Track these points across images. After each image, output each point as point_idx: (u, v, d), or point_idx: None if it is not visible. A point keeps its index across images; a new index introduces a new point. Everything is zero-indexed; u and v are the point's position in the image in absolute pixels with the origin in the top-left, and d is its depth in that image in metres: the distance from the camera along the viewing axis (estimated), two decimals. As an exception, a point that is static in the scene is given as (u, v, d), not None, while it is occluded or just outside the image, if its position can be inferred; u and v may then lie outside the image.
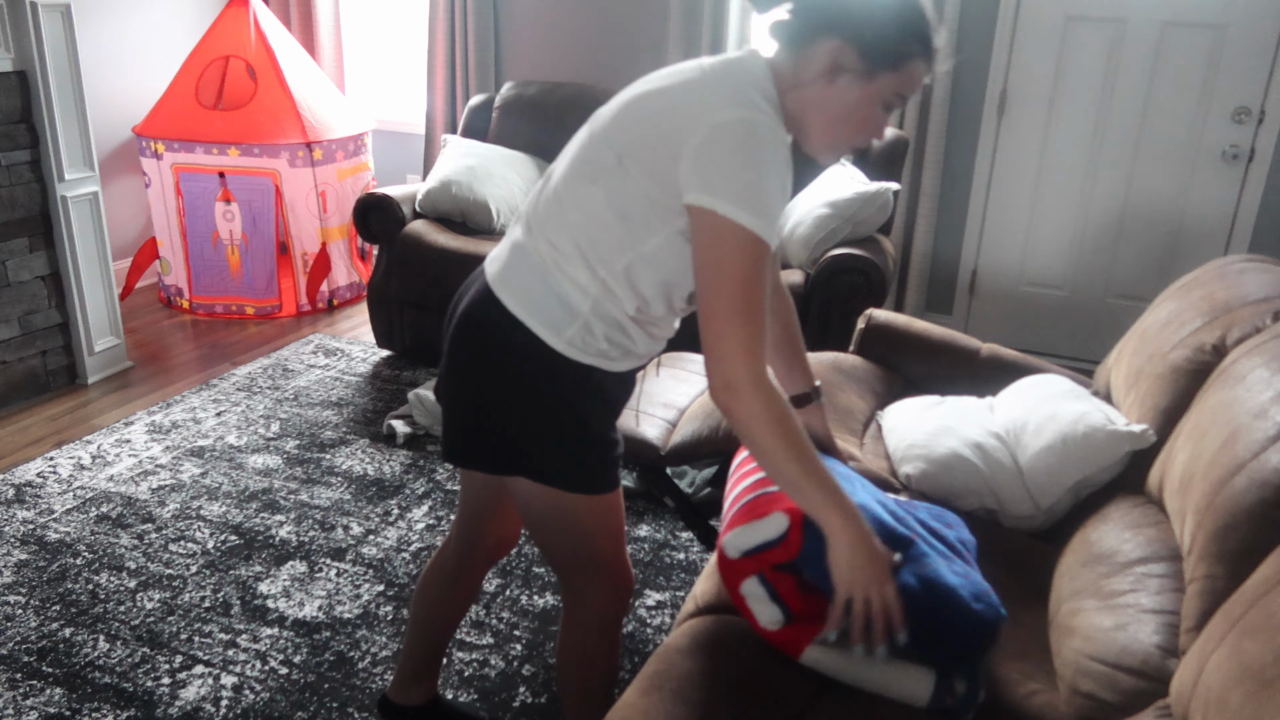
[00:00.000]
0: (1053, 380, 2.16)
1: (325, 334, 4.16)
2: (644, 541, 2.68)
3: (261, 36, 4.25)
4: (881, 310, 2.66)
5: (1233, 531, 1.33)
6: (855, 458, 2.03)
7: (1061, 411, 1.97)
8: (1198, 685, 1.15)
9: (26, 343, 3.42)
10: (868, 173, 3.61)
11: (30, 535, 2.62)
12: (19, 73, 3.23)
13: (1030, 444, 1.97)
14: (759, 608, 1.41)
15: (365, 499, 2.85)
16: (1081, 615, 1.53)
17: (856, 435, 2.22)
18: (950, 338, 2.55)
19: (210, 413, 3.37)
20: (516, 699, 2.08)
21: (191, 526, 2.68)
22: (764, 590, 1.41)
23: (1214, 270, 2.07)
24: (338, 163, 4.31)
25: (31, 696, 2.04)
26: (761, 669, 1.42)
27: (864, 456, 2.13)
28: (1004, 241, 4.11)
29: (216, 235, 4.24)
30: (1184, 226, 3.83)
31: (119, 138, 4.51)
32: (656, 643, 2.27)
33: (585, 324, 1.43)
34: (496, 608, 2.38)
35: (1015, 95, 3.92)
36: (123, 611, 2.32)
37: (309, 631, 2.27)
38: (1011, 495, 1.93)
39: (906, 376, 2.55)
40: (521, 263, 1.47)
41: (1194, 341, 1.84)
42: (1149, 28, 3.67)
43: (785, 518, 1.40)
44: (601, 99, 4.05)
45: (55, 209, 3.40)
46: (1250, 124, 3.64)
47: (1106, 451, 1.85)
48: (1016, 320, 4.17)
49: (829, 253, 3.27)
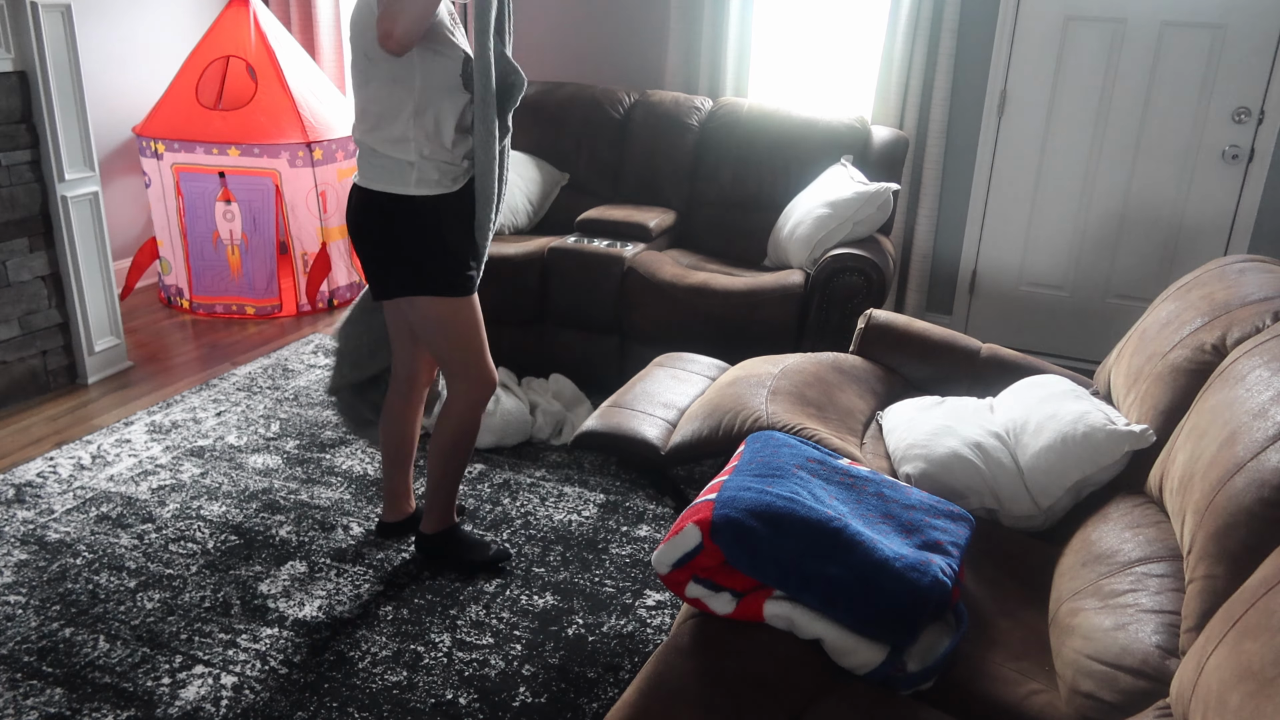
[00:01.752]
0: (1052, 380, 2.16)
1: (325, 334, 4.16)
2: (644, 541, 2.68)
3: (261, 36, 4.25)
4: (882, 311, 2.66)
5: (1233, 531, 1.33)
6: (856, 458, 2.03)
7: (1061, 411, 1.97)
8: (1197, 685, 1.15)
9: (26, 343, 3.42)
10: (868, 173, 3.61)
11: (30, 535, 2.62)
12: (19, 73, 3.23)
13: (1030, 444, 1.97)
14: (709, 601, 1.53)
15: (365, 499, 2.85)
16: (1082, 615, 1.53)
17: (856, 435, 2.22)
18: (950, 338, 2.55)
19: (210, 413, 3.37)
20: (516, 699, 2.08)
21: (191, 526, 2.68)
22: (705, 587, 1.53)
23: (1214, 270, 2.07)
24: (338, 163, 4.31)
25: (31, 696, 2.04)
26: (761, 669, 1.42)
27: (864, 456, 2.13)
28: (1004, 241, 4.11)
29: (216, 235, 4.24)
30: (1184, 226, 3.83)
31: (119, 138, 4.51)
32: (656, 643, 2.27)
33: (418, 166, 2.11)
34: (496, 608, 2.38)
35: (1015, 95, 3.92)
36: (123, 611, 2.32)
37: (309, 631, 2.27)
38: (1012, 495, 1.93)
39: (907, 377, 2.55)
40: (365, 160, 2.16)
41: (1194, 341, 1.84)
42: (1149, 28, 3.67)
43: (696, 529, 1.52)
44: (601, 99, 4.07)
45: (55, 209, 3.40)
46: (1250, 124, 3.64)
47: (1106, 451, 1.86)
48: (1016, 320, 4.17)
49: (829, 253, 3.27)
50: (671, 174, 3.93)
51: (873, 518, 1.62)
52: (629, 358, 3.49)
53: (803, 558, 1.47)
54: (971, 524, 1.71)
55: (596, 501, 2.88)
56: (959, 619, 1.55)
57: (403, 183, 2.12)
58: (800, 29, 4.29)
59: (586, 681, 2.14)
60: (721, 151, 3.87)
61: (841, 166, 3.58)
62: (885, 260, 3.28)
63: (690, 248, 3.87)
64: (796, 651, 1.46)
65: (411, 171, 2.11)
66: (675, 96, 4.00)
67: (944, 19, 3.84)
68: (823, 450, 1.80)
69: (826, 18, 4.25)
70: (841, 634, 1.45)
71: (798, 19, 4.27)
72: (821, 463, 1.74)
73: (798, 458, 1.72)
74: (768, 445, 1.76)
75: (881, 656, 1.44)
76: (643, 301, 3.37)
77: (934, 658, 1.47)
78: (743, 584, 1.51)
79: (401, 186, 2.13)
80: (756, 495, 1.55)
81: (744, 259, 3.78)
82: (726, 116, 3.89)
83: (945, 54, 3.88)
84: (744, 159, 3.83)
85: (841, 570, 1.46)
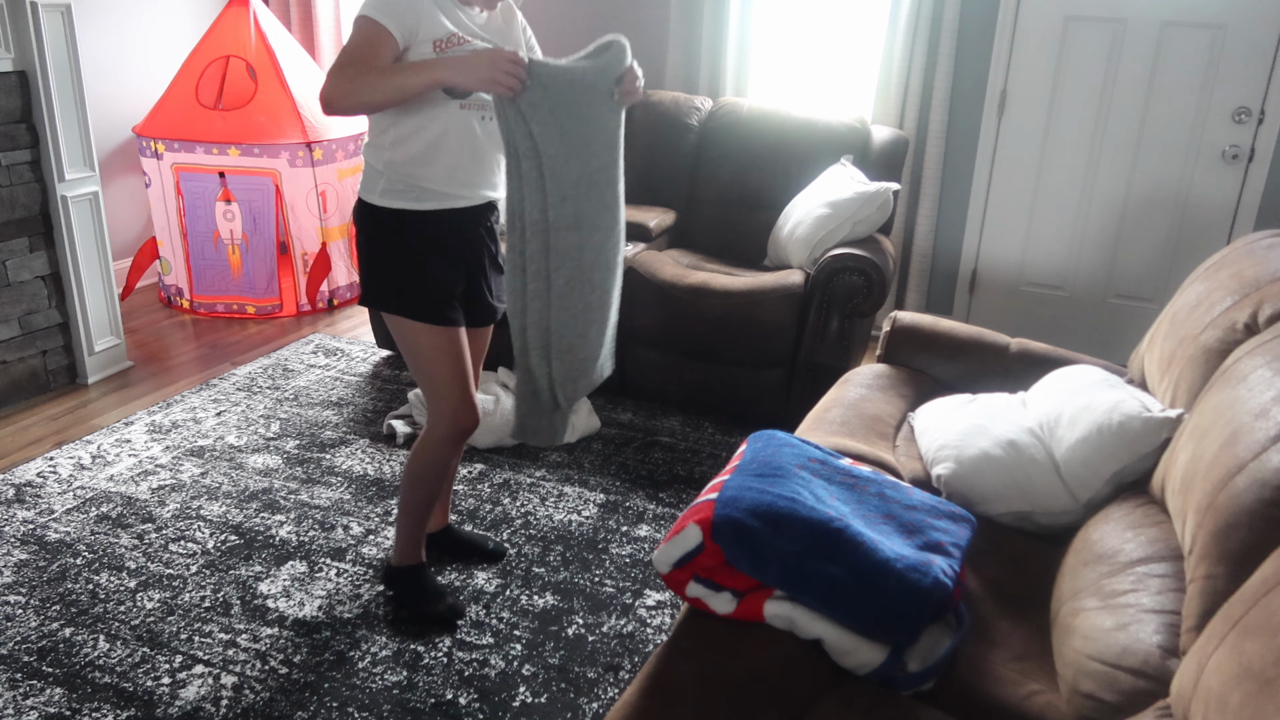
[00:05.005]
0: (1085, 371, 2.12)
1: (325, 334, 4.16)
2: (644, 541, 2.68)
3: (261, 36, 4.24)
4: (906, 312, 2.65)
5: (1233, 531, 1.33)
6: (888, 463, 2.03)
7: (1095, 401, 1.93)
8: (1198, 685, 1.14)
9: (26, 343, 3.42)
10: (868, 172, 3.61)
11: (30, 535, 2.61)
12: (19, 73, 3.23)
13: (1065, 436, 1.93)
14: (710, 600, 1.53)
15: (365, 499, 2.85)
16: (1082, 615, 1.53)
17: (888, 439, 2.20)
18: (978, 335, 2.53)
19: (210, 413, 3.37)
20: (516, 699, 2.08)
21: (191, 526, 2.68)
22: (706, 587, 1.53)
23: (1241, 248, 2.03)
24: (338, 163, 4.31)
25: (31, 696, 2.04)
26: (762, 669, 1.42)
27: (898, 459, 2.12)
28: (1004, 241, 4.11)
29: (217, 235, 4.24)
30: (1184, 227, 3.83)
31: (119, 138, 4.51)
32: (656, 643, 2.27)
33: (385, 175, 2.03)
34: (496, 608, 2.37)
35: (1015, 95, 3.92)
36: (123, 611, 2.32)
37: (309, 631, 2.27)
38: (1048, 491, 1.90)
39: (935, 377, 2.53)
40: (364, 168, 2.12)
41: (1225, 321, 1.80)
42: (1149, 28, 3.67)
43: (697, 529, 1.53)
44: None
45: (55, 209, 3.40)
46: (1250, 124, 3.63)
47: (1143, 439, 1.81)
48: (1017, 320, 4.16)
49: (829, 253, 3.27)
50: (671, 174, 3.93)
51: (874, 518, 1.62)
52: (629, 358, 3.49)
53: (803, 558, 1.47)
54: (973, 524, 1.71)
55: (596, 501, 2.88)
56: (960, 619, 1.55)
57: (371, 190, 2.06)
58: (800, 29, 4.29)
59: (586, 681, 2.14)
60: (721, 151, 3.87)
61: (841, 166, 3.58)
62: (885, 260, 3.28)
63: (690, 247, 3.86)
64: (797, 651, 1.46)
65: (379, 180, 2.04)
66: (675, 96, 4.00)
67: (944, 19, 3.84)
68: (824, 450, 1.80)
69: (826, 18, 4.25)
70: (842, 634, 1.45)
71: (798, 19, 4.27)
72: (823, 462, 1.73)
73: (799, 458, 1.72)
74: (769, 445, 1.76)
75: (882, 657, 1.44)
76: (643, 301, 3.37)
77: (935, 658, 1.47)
78: (743, 584, 1.51)
79: (370, 194, 2.07)
80: (757, 495, 1.55)
81: (744, 259, 3.78)
82: (726, 116, 3.89)
83: (945, 54, 3.88)
84: (744, 159, 3.83)
85: (842, 571, 1.46)
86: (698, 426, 3.41)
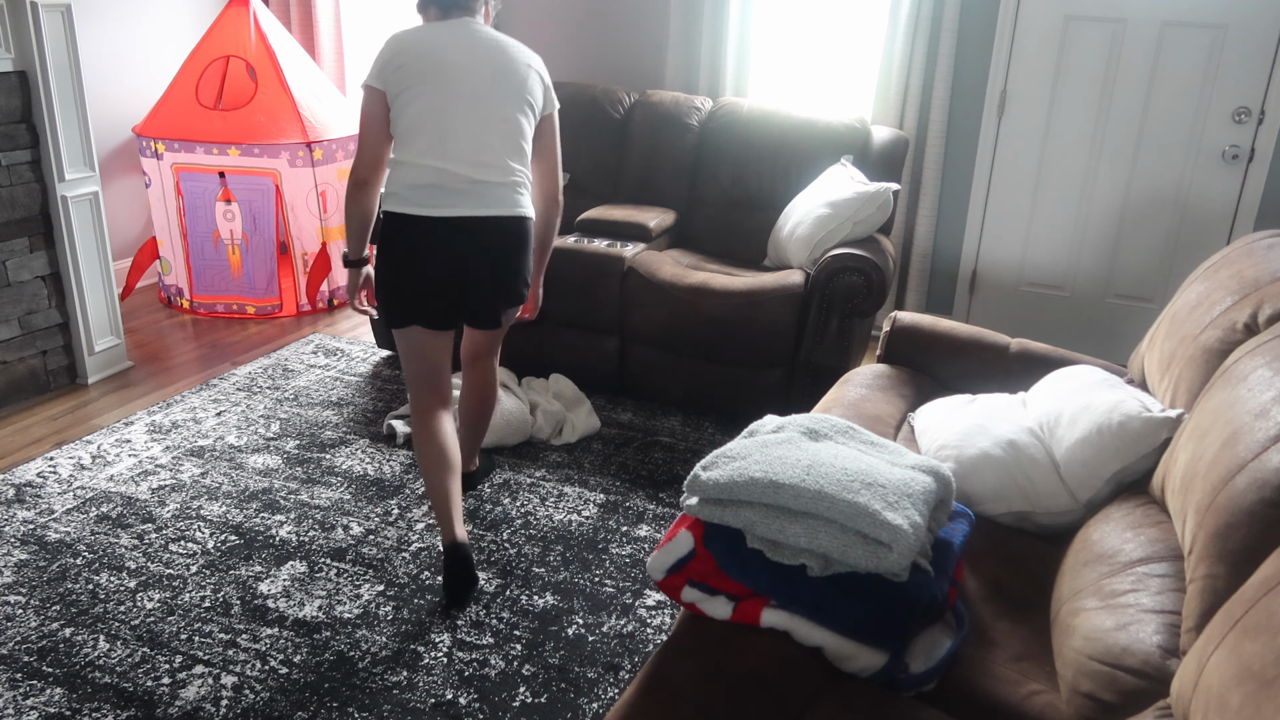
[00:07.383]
0: (1085, 371, 2.12)
1: (325, 334, 4.15)
2: (644, 541, 2.68)
3: (261, 36, 4.24)
4: (906, 312, 2.65)
5: (1233, 531, 1.33)
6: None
7: (1095, 402, 1.93)
8: (1198, 685, 1.14)
9: (27, 343, 3.42)
10: (868, 173, 3.61)
11: (30, 535, 2.61)
12: (19, 73, 3.23)
13: (1065, 436, 1.93)
14: (706, 605, 1.52)
15: (365, 499, 2.85)
16: (1082, 615, 1.53)
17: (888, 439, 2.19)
18: (978, 335, 2.53)
19: (210, 413, 3.37)
20: (516, 699, 2.08)
21: (191, 526, 2.68)
22: (701, 591, 1.53)
23: (1241, 248, 2.03)
24: (338, 163, 4.31)
25: (31, 696, 2.04)
26: (761, 669, 1.42)
27: None
28: (1004, 241, 4.11)
29: (217, 235, 4.24)
30: (1184, 227, 3.83)
31: (119, 138, 4.51)
32: (656, 643, 2.27)
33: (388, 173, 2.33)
34: (496, 608, 2.37)
35: (1015, 95, 3.92)
36: (123, 611, 2.32)
37: (309, 631, 2.27)
38: (1049, 491, 1.90)
39: (935, 377, 2.54)
40: None
41: (1225, 321, 1.80)
42: (1149, 28, 3.67)
43: (689, 535, 1.53)
44: (602, 99, 4.07)
45: (55, 209, 3.40)
46: (1250, 124, 3.63)
47: (1144, 439, 1.82)
48: (1017, 320, 4.16)
49: (829, 253, 3.27)
50: (671, 174, 3.93)
51: None
52: (629, 358, 3.50)
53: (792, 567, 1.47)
54: (971, 520, 1.71)
55: (596, 501, 2.88)
56: (960, 620, 1.55)
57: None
58: (800, 29, 4.29)
59: (586, 681, 2.14)
60: (721, 152, 3.87)
61: (841, 166, 3.58)
62: (885, 260, 3.28)
63: (690, 248, 3.86)
64: (797, 652, 1.46)
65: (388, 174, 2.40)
66: (675, 96, 4.00)
67: (944, 19, 3.84)
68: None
69: (826, 18, 4.25)
70: (841, 641, 1.44)
71: (798, 19, 4.27)
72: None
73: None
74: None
75: (883, 660, 1.43)
76: (643, 301, 3.37)
77: (936, 659, 1.46)
78: (738, 589, 1.51)
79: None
80: None
81: (744, 259, 3.78)
82: (726, 117, 3.89)
83: (945, 54, 3.88)
84: (744, 159, 3.83)
85: (826, 580, 1.45)
86: (698, 426, 3.41)
